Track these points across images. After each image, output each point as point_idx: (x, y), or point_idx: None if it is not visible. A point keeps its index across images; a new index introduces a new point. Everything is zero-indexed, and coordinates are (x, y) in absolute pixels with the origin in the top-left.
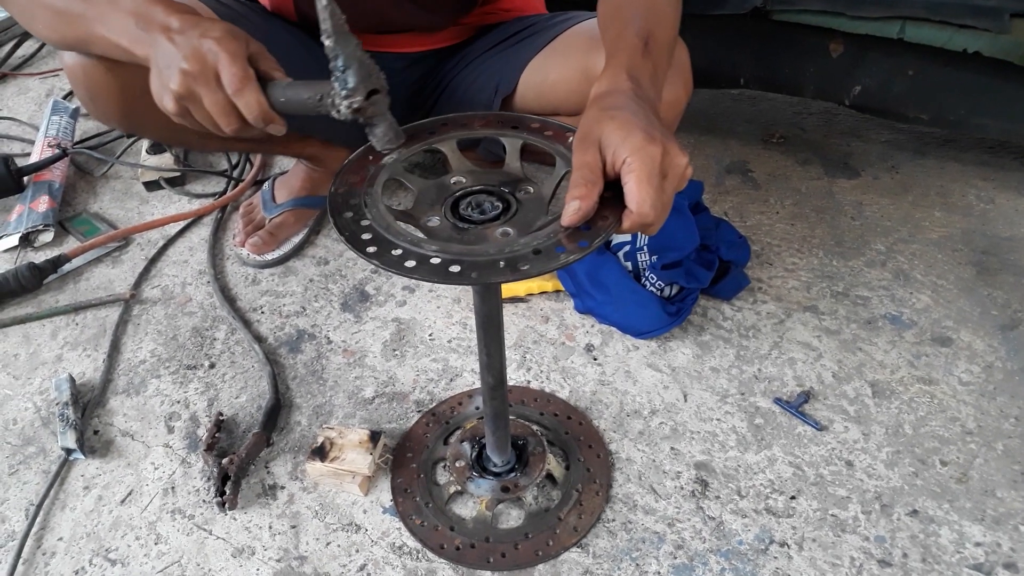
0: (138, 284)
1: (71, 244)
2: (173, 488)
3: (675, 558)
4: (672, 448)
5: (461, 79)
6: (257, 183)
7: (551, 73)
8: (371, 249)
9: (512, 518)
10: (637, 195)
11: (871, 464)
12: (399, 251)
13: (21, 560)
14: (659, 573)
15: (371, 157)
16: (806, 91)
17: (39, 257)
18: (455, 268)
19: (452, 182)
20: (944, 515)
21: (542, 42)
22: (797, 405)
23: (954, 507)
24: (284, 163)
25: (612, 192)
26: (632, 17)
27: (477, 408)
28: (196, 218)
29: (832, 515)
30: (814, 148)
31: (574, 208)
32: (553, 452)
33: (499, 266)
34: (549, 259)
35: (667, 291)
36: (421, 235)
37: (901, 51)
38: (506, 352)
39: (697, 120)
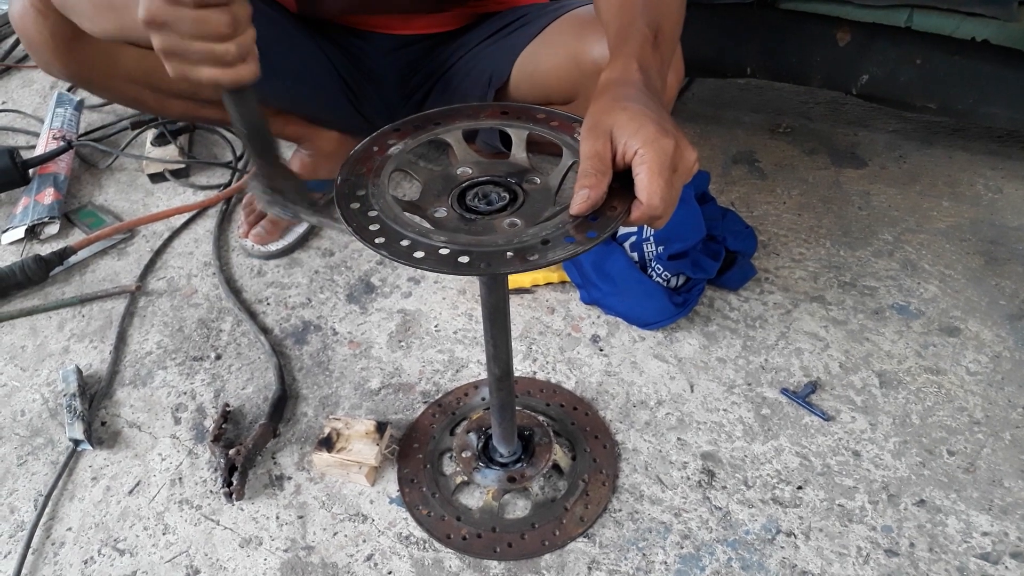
0: (144, 276)
1: (77, 236)
2: (180, 479)
3: (682, 548)
4: (679, 438)
5: (455, 70)
6: None
7: (542, 62)
8: (379, 240)
9: (519, 508)
10: (648, 186)
11: (878, 454)
12: (407, 242)
13: (31, 550)
14: (666, 563)
15: (376, 148)
16: (813, 80)
17: (45, 249)
18: (464, 259)
19: (458, 173)
20: (951, 505)
21: (534, 31)
22: (804, 395)
23: (961, 497)
24: (286, 155)
25: (620, 183)
26: (642, 8)
27: (483, 399)
28: (201, 210)
29: (839, 505)
30: (821, 138)
31: (583, 196)
32: (559, 443)
33: (508, 256)
34: (558, 249)
35: (673, 281)
36: (429, 226)
37: (908, 39)
38: (512, 343)
39: (703, 110)
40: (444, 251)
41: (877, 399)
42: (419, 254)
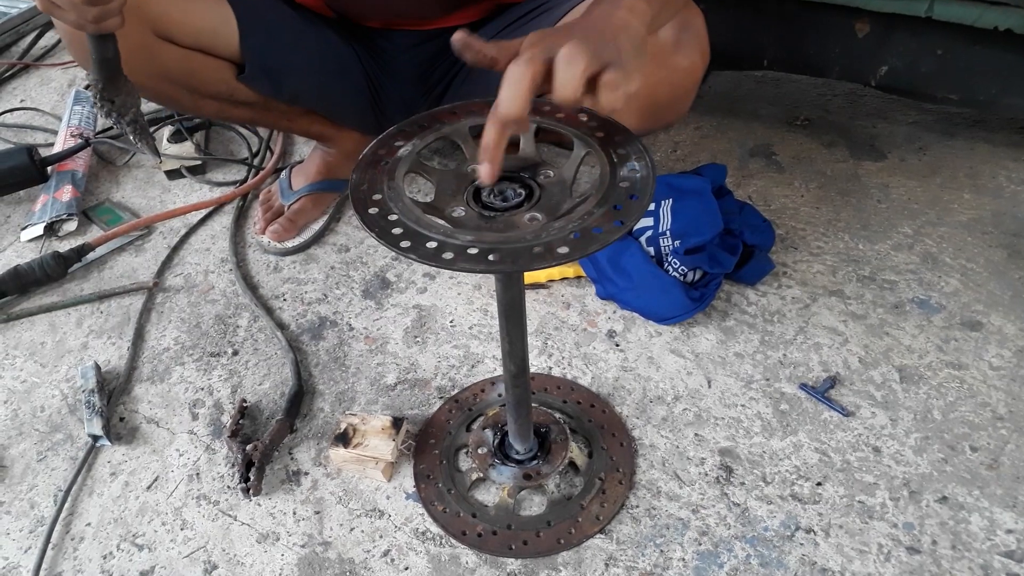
0: (161, 272)
1: (95, 233)
2: (198, 474)
3: (700, 544)
4: (696, 434)
5: None
6: (277, 171)
7: None
8: (405, 244)
9: (534, 505)
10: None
11: (899, 450)
12: (434, 244)
13: (51, 545)
14: (683, 559)
15: (383, 150)
16: (831, 72)
17: (63, 246)
18: (493, 256)
19: (469, 171)
20: (974, 502)
21: (552, 20)
22: (823, 391)
23: (984, 494)
24: (302, 151)
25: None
26: None
27: (499, 395)
28: (217, 206)
29: (859, 502)
30: (839, 130)
31: (486, 172)
32: (576, 440)
33: (537, 252)
34: (587, 241)
35: (690, 276)
36: (449, 226)
37: (929, 30)
38: (528, 339)
39: (720, 103)
40: (472, 250)
41: (898, 394)
42: (448, 255)
